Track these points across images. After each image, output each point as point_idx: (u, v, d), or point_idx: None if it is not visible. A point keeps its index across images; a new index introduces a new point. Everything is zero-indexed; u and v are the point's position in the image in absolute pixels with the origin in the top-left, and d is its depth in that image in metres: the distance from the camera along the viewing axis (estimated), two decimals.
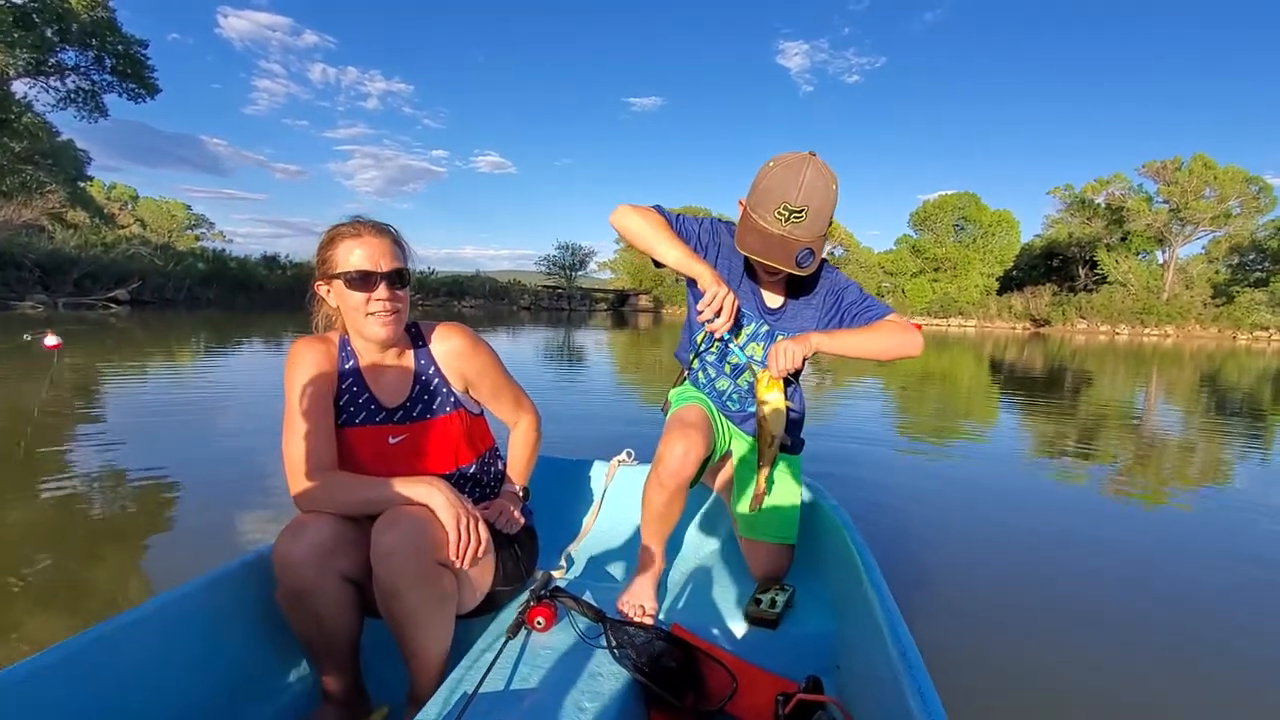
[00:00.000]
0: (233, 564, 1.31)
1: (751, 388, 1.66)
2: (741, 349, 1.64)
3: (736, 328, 1.62)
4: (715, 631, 1.46)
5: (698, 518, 2.04)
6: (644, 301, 48.32)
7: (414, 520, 1.15)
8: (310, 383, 1.29)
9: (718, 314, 1.47)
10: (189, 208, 55.78)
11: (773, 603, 1.51)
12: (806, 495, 1.84)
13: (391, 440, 1.35)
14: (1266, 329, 33.77)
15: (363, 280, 1.25)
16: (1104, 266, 40.51)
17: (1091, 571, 2.79)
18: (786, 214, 1.38)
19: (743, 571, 1.77)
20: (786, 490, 1.73)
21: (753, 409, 1.64)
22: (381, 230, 1.30)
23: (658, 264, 1.61)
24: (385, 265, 1.27)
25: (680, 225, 1.62)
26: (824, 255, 1.56)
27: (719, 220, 1.68)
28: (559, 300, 44.42)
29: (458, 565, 1.20)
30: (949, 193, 46.35)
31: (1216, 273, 39.90)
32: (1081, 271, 43.50)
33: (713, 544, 1.99)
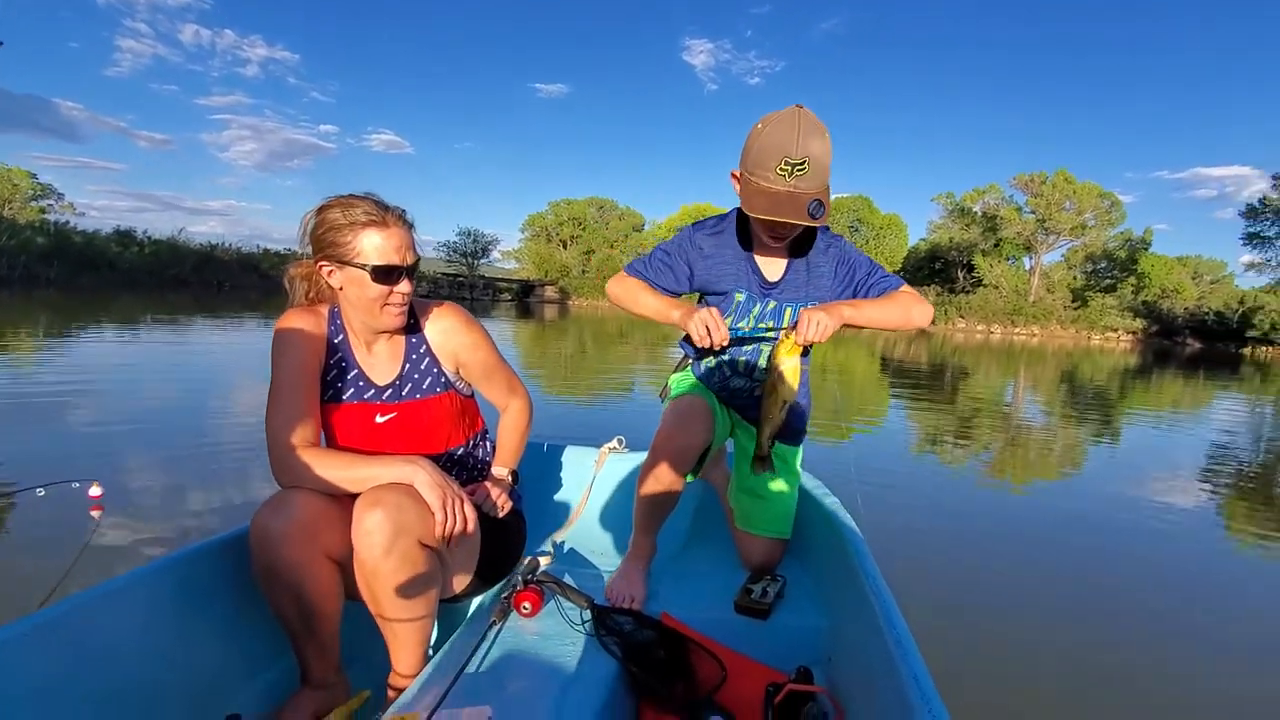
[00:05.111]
0: (211, 540, 1.26)
1: (765, 355, 1.62)
2: (751, 333, 1.59)
3: (735, 332, 1.57)
4: (705, 621, 1.42)
5: (690, 507, 1.99)
6: (550, 292, 47.37)
7: (397, 499, 1.11)
8: (298, 355, 1.25)
9: (710, 335, 1.43)
10: (35, 176, 48.43)
11: (764, 593, 1.49)
12: (802, 486, 1.79)
13: (379, 419, 1.32)
14: (1115, 330, 37.59)
15: (388, 274, 1.22)
16: (980, 270, 43.73)
17: (1063, 555, 3.04)
18: (789, 168, 1.33)
19: (734, 562, 1.74)
20: (784, 483, 1.71)
21: (758, 388, 1.61)
22: (402, 219, 1.25)
23: None
24: (409, 259, 1.25)
25: (656, 273, 1.60)
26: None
27: (686, 228, 1.63)
28: (460, 289, 42.65)
29: (442, 547, 1.18)
30: (844, 195, 48.51)
31: (1074, 279, 44.05)
32: (960, 274, 46.79)
33: (704, 534, 1.95)
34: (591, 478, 2.00)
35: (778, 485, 1.70)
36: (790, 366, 1.38)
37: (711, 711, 1.17)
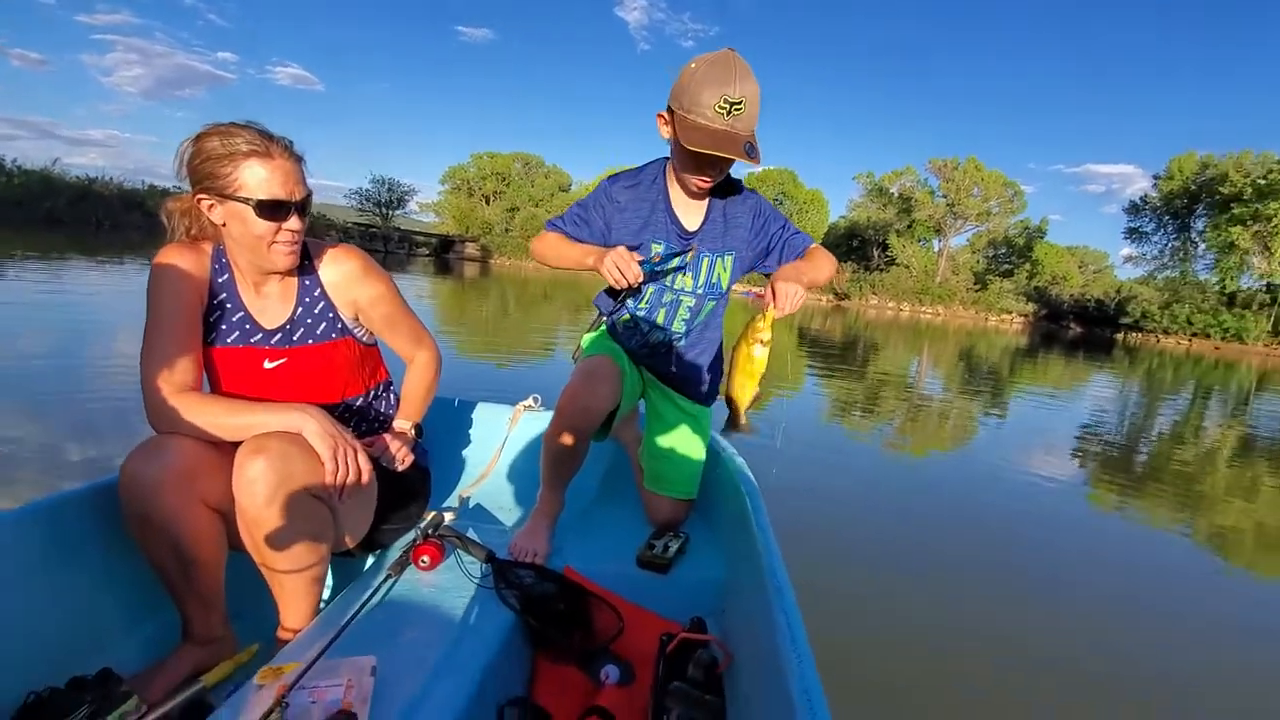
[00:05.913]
0: (81, 488, 1.21)
1: (691, 310, 1.64)
2: (664, 264, 1.58)
3: (647, 266, 1.55)
4: (607, 575, 1.45)
5: (600, 465, 2.00)
6: (471, 249, 45.78)
7: (283, 447, 1.07)
8: (176, 293, 1.18)
9: (624, 275, 1.43)
10: None
11: (665, 548, 1.52)
12: (710, 446, 1.82)
13: (268, 364, 1.26)
14: (1010, 312, 40.35)
15: (274, 209, 1.14)
16: (894, 250, 45.70)
17: (951, 516, 3.28)
18: (727, 106, 1.34)
19: (640, 519, 1.76)
20: (693, 446, 1.73)
21: (681, 343, 1.68)
22: (289, 150, 1.17)
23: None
24: (298, 193, 1.17)
25: (573, 227, 1.61)
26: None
27: (603, 182, 1.63)
28: (373, 240, 40.43)
29: (333, 498, 1.14)
30: (770, 168, 49.23)
31: (977, 263, 46.78)
32: (876, 253, 48.70)
33: (612, 491, 1.97)
34: (504, 436, 1.98)
35: (688, 448, 1.73)
36: (766, 339, 1.40)
37: (607, 660, 1.19)
